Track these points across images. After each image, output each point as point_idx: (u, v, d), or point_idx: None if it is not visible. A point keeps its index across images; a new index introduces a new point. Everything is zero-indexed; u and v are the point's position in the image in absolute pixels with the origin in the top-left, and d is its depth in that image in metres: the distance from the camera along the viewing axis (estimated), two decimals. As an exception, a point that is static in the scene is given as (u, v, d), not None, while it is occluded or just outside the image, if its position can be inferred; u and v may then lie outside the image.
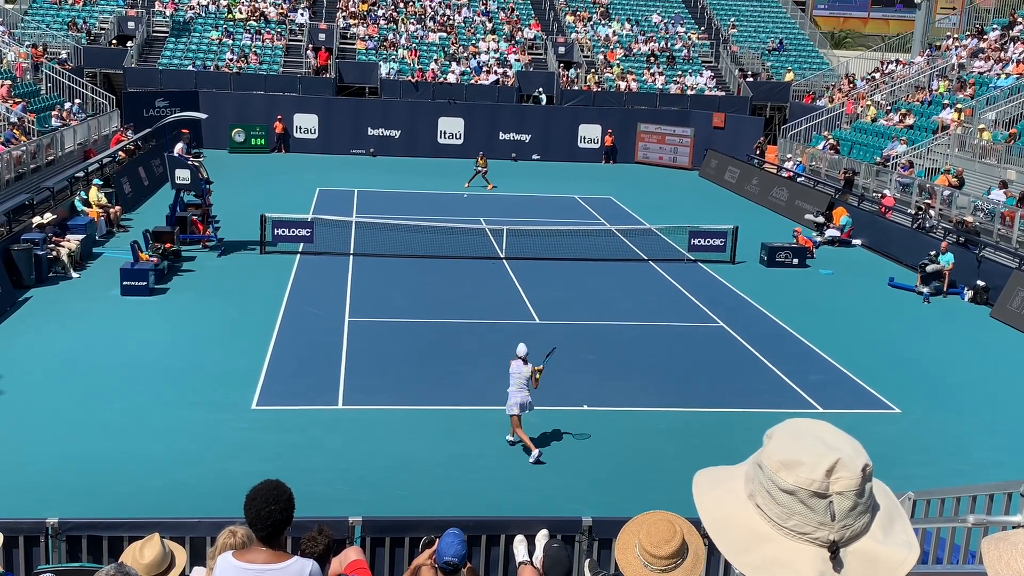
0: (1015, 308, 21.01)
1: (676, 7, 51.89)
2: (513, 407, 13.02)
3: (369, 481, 12.39)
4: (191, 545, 7.64)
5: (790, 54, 48.88)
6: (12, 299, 19.29)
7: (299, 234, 24.28)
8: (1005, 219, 25.35)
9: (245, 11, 46.49)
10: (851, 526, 1.74)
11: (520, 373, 13.00)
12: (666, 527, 3.44)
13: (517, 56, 46.03)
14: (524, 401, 13.01)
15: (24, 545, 8.02)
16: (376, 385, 15.74)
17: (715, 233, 25.67)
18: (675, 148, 43.14)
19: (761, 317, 20.66)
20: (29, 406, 14.29)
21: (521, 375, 13.00)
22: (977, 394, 16.65)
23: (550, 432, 14.09)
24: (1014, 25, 38.58)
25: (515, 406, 13.00)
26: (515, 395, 12.97)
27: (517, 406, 12.99)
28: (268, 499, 4.64)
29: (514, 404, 13.00)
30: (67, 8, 44.65)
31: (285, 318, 19.06)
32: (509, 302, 20.95)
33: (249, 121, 40.95)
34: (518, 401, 12.97)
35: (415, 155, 41.67)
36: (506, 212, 30.12)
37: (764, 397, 16.05)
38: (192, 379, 15.58)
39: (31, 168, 28.17)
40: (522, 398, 12.98)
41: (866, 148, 35.54)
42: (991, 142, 30.01)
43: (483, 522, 8.56)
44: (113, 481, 12.01)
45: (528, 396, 13.05)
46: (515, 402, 12.98)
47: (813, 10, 64.82)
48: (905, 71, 41.58)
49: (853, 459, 1.73)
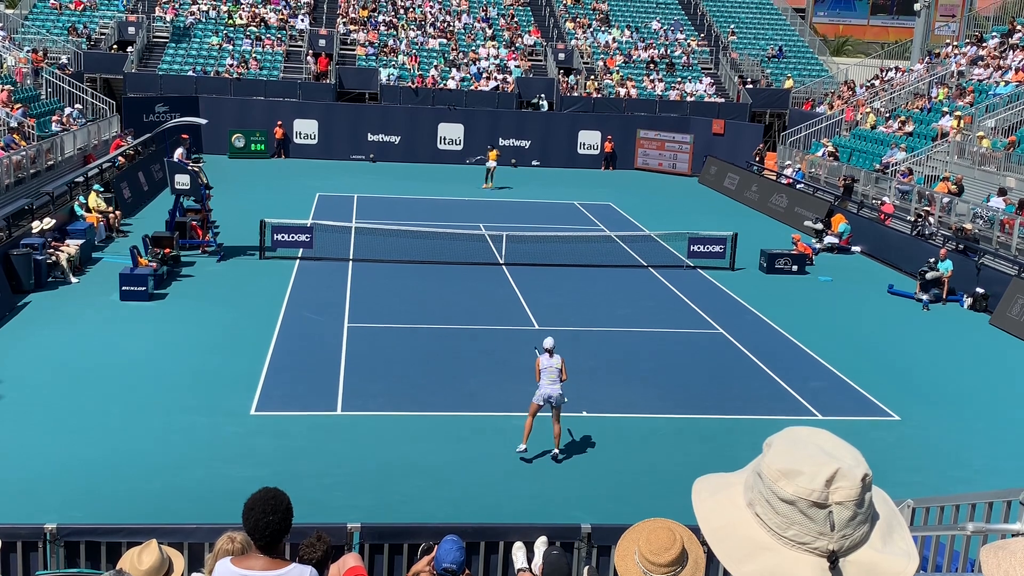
0: (1014, 315, 21.01)
1: (676, 14, 51.98)
2: (539, 397, 12.95)
3: (368, 487, 12.37)
4: (189, 551, 7.63)
5: (790, 61, 48.94)
6: (11, 304, 19.28)
7: (298, 240, 24.28)
8: (1004, 226, 25.37)
9: (245, 17, 46.56)
10: (850, 536, 1.74)
11: (552, 366, 12.96)
12: (666, 535, 3.43)
13: (517, 62, 46.10)
14: (554, 394, 12.90)
15: (22, 550, 8.01)
16: (375, 391, 15.73)
17: (714, 240, 25.68)
18: (674, 154, 43.17)
19: (760, 324, 20.66)
20: (28, 411, 14.27)
21: (553, 368, 12.95)
22: (976, 401, 16.65)
23: (549, 438, 14.06)
24: (1013, 33, 38.65)
25: (540, 397, 12.93)
26: (546, 387, 12.86)
27: (542, 397, 12.91)
28: (267, 509, 4.62)
29: (540, 395, 12.91)
30: (67, 13, 44.71)
31: (284, 324, 19.05)
32: (508, 308, 20.95)
33: (249, 126, 40.97)
34: (546, 393, 12.87)
35: (415, 161, 41.70)
36: (506, 218, 30.14)
37: (763, 404, 16.04)
38: (191, 384, 15.57)
39: (31, 173, 28.17)
40: (552, 391, 12.89)
41: (865, 155, 35.58)
42: (990, 149, 30.04)
43: (482, 529, 8.55)
44: (112, 486, 11.99)
45: (559, 389, 12.95)
46: (543, 393, 12.88)
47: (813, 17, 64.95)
48: (904, 78, 41.63)
49: (853, 469, 1.73)
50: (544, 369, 12.94)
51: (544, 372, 12.93)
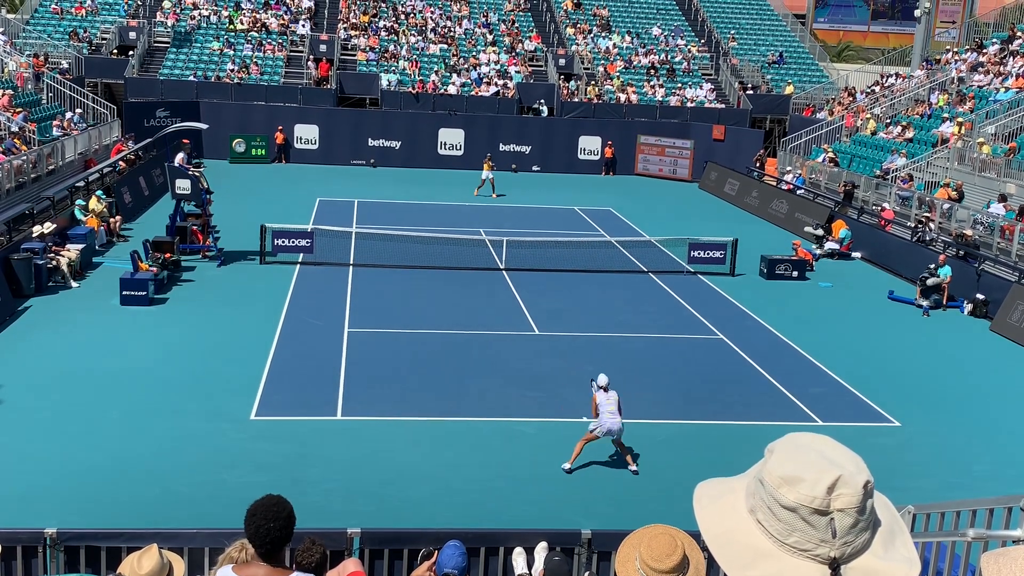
0: (1014, 321, 21.01)
1: (676, 20, 52.03)
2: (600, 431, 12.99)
3: (368, 492, 12.36)
4: (189, 556, 7.63)
5: (790, 67, 49.00)
6: (12, 308, 19.29)
7: (299, 244, 24.29)
8: (1004, 232, 25.38)
9: (246, 22, 46.60)
10: (852, 543, 1.74)
11: (611, 400, 13.08)
12: (667, 541, 3.43)
13: (517, 68, 46.15)
14: (615, 428, 13.00)
15: (22, 555, 8.01)
16: (375, 396, 15.72)
17: (715, 245, 25.68)
18: (675, 160, 43.20)
19: (760, 329, 20.66)
20: (28, 415, 14.27)
21: (612, 402, 13.08)
22: (976, 407, 16.64)
23: (550, 444, 14.07)
24: (1013, 39, 38.70)
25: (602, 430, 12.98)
26: (607, 421, 12.95)
27: (604, 430, 12.97)
28: (268, 515, 4.62)
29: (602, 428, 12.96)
30: (69, 18, 44.77)
31: (284, 328, 19.05)
32: (509, 313, 20.95)
33: (250, 132, 41.02)
34: (607, 427, 12.96)
35: (415, 166, 41.74)
36: (506, 223, 30.15)
37: (763, 409, 16.03)
38: (191, 389, 15.56)
39: (32, 178, 28.20)
40: (614, 424, 12.97)
41: (866, 161, 35.60)
42: (990, 156, 30.06)
43: (482, 534, 8.54)
44: (112, 491, 11.98)
45: (619, 422, 13.02)
46: (605, 427, 12.95)
47: (813, 23, 65.01)
48: (905, 84, 41.68)
49: (855, 476, 1.73)
50: (602, 404, 13.10)
51: (602, 406, 13.08)
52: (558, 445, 14.01)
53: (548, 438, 14.28)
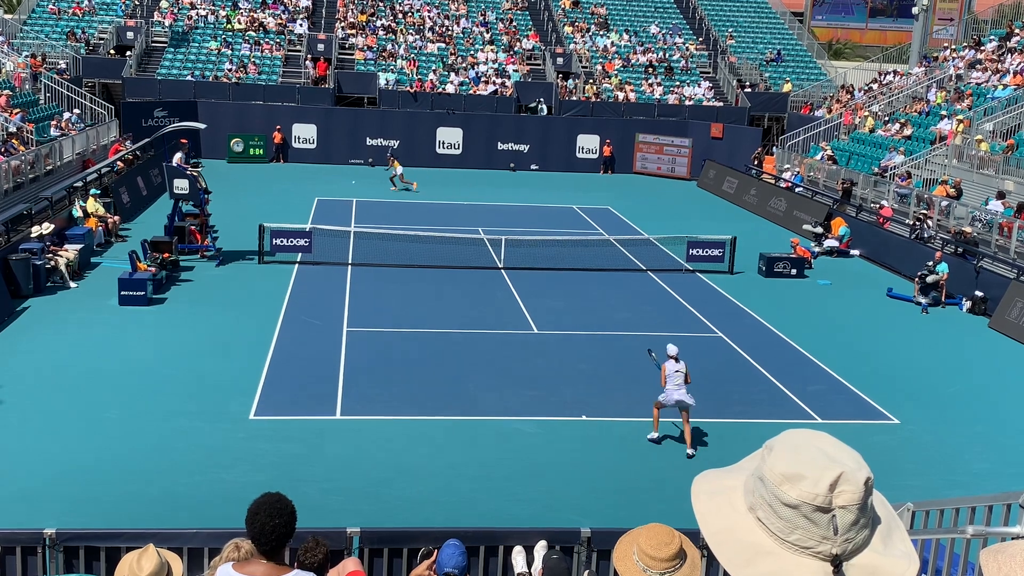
0: (1013, 319, 21.02)
1: (674, 18, 52.03)
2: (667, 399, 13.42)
3: (367, 491, 12.35)
4: (188, 556, 7.63)
5: (788, 65, 49.00)
6: (10, 309, 19.27)
7: (297, 244, 24.28)
8: (1003, 230, 25.39)
9: (244, 21, 46.58)
10: (853, 540, 1.73)
11: (678, 371, 13.39)
12: (665, 531, 3.44)
13: (516, 66, 46.13)
14: (683, 398, 13.34)
15: (21, 555, 8.00)
16: (374, 395, 15.72)
17: (713, 243, 25.68)
18: (673, 158, 43.20)
19: (759, 327, 20.66)
20: (27, 416, 14.26)
21: (680, 373, 13.40)
22: (975, 404, 16.65)
23: (548, 442, 14.07)
24: (1011, 36, 38.72)
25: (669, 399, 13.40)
26: (673, 392, 13.34)
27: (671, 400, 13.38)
28: (272, 513, 4.61)
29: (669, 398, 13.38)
30: (66, 18, 44.74)
31: (283, 328, 19.04)
32: (507, 312, 20.95)
33: (248, 131, 40.99)
34: (674, 397, 13.34)
35: (414, 165, 41.69)
36: (504, 222, 30.14)
37: (762, 407, 16.04)
38: (190, 389, 15.55)
39: (30, 178, 28.18)
40: (680, 395, 13.33)
41: (864, 158, 35.61)
42: (989, 153, 30.08)
43: (481, 533, 8.54)
44: (110, 491, 11.97)
45: (686, 392, 13.39)
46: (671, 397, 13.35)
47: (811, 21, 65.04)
48: (903, 82, 41.69)
49: (855, 472, 1.73)
50: (670, 375, 13.43)
51: (670, 377, 13.43)
52: (557, 444, 14.03)
53: (547, 437, 14.28)
